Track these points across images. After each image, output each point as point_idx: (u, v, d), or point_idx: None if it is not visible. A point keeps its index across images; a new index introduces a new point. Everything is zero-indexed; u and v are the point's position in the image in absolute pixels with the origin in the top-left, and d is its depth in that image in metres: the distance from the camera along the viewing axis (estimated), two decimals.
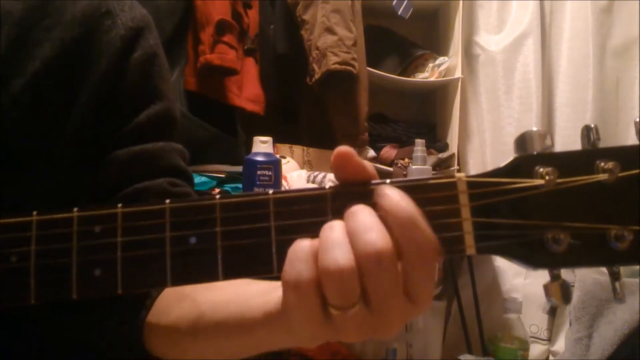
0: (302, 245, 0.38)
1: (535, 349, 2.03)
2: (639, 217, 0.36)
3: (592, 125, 0.37)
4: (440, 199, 0.39)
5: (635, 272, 1.76)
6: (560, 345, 1.90)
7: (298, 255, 0.38)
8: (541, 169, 0.37)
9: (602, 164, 0.37)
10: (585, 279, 1.72)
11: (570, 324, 1.69)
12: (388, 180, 0.39)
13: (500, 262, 2.27)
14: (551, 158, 0.38)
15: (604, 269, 0.40)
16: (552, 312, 1.95)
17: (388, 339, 1.90)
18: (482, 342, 2.08)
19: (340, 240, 0.38)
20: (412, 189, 0.39)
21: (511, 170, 0.38)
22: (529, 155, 0.38)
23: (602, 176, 0.36)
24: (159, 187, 0.65)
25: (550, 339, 2.00)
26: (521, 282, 2.22)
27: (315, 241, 0.39)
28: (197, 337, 0.54)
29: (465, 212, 0.38)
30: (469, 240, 0.38)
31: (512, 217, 0.37)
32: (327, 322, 0.39)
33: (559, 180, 0.37)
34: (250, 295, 0.50)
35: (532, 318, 2.06)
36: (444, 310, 2.15)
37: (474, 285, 2.16)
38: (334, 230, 0.38)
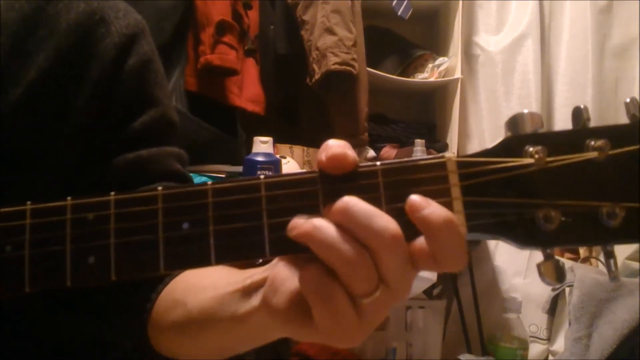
0: (312, 275, 0.38)
1: (535, 349, 2.02)
2: (630, 194, 0.36)
3: (582, 106, 0.38)
4: (431, 179, 0.39)
5: (635, 272, 1.75)
6: (559, 344, 1.89)
7: (312, 285, 0.38)
8: (531, 148, 0.37)
9: (592, 142, 0.37)
10: (585, 278, 1.72)
11: (570, 324, 1.69)
12: (378, 162, 0.39)
13: (500, 262, 2.27)
14: (541, 137, 0.38)
15: (603, 269, 0.39)
16: (552, 312, 1.95)
17: (387, 336, 1.90)
18: (481, 341, 2.08)
19: (335, 237, 0.38)
20: (402, 170, 0.39)
21: (501, 150, 0.38)
22: (519, 135, 0.38)
23: (592, 154, 0.36)
24: None
25: (550, 339, 2.00)
26: (521, 282, 2.22)
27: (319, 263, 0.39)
28: (197, 339, 0.55)
29: (456, 192, 0.38)
30: (460, 219, 0.38)
31: (503, 196, 0.37)
32: (356, 316, 0.39)
33: (548, 159, 0.37)
34: (234, 301, 0.50)
35: (531, 318, 2.06)
36: (444, 309, 2.15)
37: (474, 284, 2.16)
38: (325, 228, 0.38)
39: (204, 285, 0.56)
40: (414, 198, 0.38)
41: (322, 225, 0.38)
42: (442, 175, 0.39)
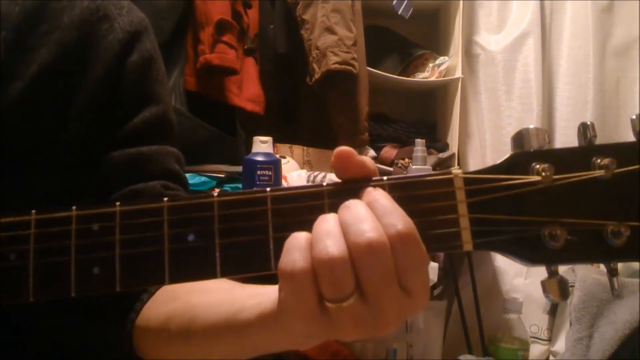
0: (299, 236, 0.39)
1: (536, 349, 2.02)
2: (635, 213, 0.36)
3: (589, 123, 0.38)
4: (437, 196, 0.39)
5: (636, 272, 1.75)
6: (560, 345, 1.90)
7: (294, 245, 0.39)
8: (537, 166, 0.37)
9: (599, 160, 0.37)
10: (586, 278, 1.72)
11: (571, 324, 1.69)
12: (385, 178, 0.39)
13: (501, 262, 2.27)
14: (547, 155, 0.38)
15: (604, 269, 0.40)
16: (553, 312, 1.95)
17: (387, 337, 1.90)
18: (482, 342, 2.07)
19: (332, 230, 0.38)
20: (409, 186, 0.39)
21: (508, 166, 0.38)
22: (526, 152, 0.38)
23: (599, 172, 0.36)
24: (152, 189, 0.65)
25: (551, 339, 2.00)
26: (522, 283, 2.22)
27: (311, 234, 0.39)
28: (189, 339, 0.54)
29: (462, 209, 0.38)
30: (466, 236, 0.38)
31: (509, 213, 0.38)
32: (323, 317, 0.39)
33: (555, 177, 0.37)
34: (244, 296, 0.50)
35: (532, 318, 2.06)
36: (445, 310, 2.15)
37: (474, 285, 2.16)
38: (326, 221, 0.39)
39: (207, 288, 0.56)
40: None
41: (327, 216, 0.39)
42: (449, 191, 0.39)
